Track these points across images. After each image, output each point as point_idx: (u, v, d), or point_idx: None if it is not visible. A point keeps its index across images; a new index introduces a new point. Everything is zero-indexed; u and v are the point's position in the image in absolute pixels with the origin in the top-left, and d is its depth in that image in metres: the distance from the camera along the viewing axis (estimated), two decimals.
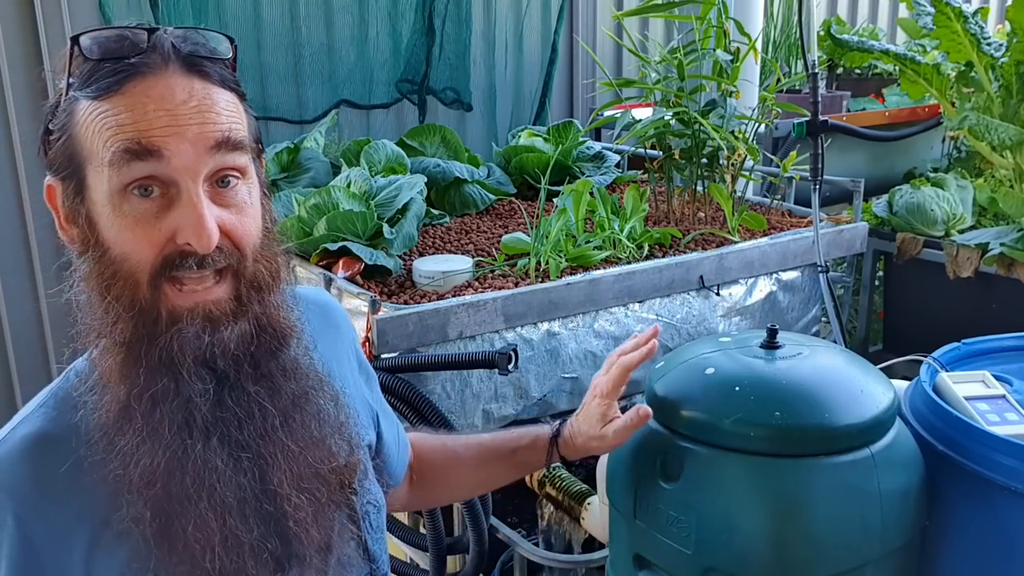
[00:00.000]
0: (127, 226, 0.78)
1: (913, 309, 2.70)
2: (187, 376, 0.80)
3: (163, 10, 2.71)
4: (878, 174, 3.38)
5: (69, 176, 0.81)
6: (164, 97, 0.78)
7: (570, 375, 1.95)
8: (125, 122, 0.77)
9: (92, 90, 0.78)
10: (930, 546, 1.13)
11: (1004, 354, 1.32)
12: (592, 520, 1.81)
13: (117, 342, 0.80)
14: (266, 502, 0.85)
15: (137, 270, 0.79)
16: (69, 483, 0.82)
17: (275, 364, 0.86)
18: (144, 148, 0.76)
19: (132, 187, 0.77)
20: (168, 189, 0.78)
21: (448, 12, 3.30)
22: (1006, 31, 2.64)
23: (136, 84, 0.78)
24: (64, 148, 0.80)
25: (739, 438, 1.02)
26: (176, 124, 0.77)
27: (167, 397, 0.80)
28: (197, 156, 0.78)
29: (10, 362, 2.80)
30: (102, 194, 0.78)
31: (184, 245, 0.79)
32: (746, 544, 1.01)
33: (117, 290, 0.79)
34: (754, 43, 2.40)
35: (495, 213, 2.65)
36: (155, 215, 0.78)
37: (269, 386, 0.85)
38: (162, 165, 0.77)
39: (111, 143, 0.76)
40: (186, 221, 0.78)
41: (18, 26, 2.64)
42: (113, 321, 0.80)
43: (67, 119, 0.80)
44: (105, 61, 0.78)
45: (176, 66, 0.79)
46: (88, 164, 0.79)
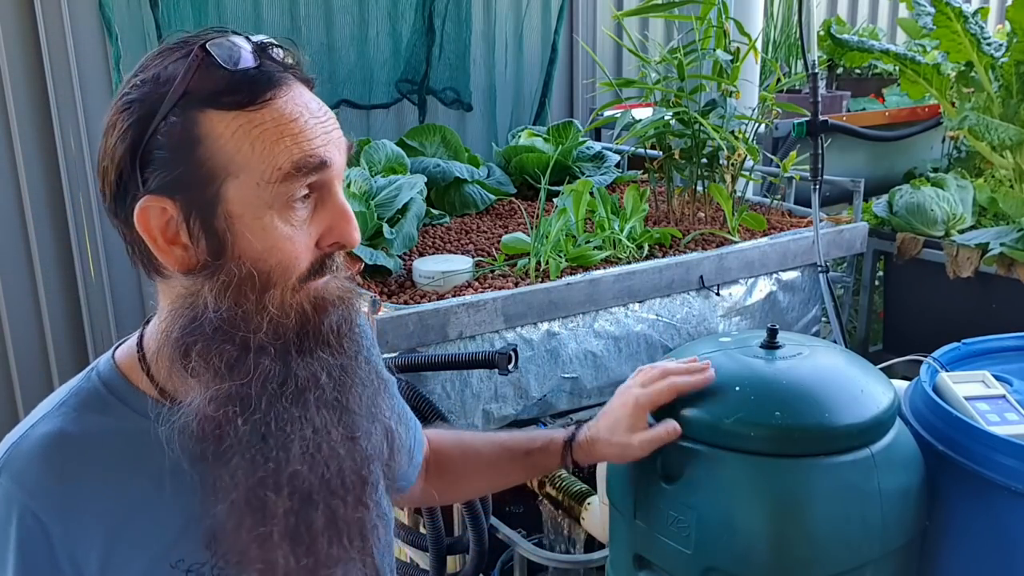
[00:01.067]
0: (282, 235, 0.80)
1: (913, 309, 2.70)
2: (327, 357, 0.84)
3: (163, 10, 2.71)
4: (878, 174, 3.38)
5: (195, 193, 0.78)
6: (309, 107, 0.80)
7: (570, 375, 1.95)
8: (291, 132, 0.78)
9: (233, 102, 0.76)
10: (930, 546, 1.13)
11: (1004, 354, 1.32)
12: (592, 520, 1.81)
13: (265, 346, 0.81)
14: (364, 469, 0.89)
15: (290, 276, 0.81)
16: (89, 485, 0.82)
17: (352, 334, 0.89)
18: (320, 160, 0.79)
19: (294, 197, 0.79)
20: (314, 194, 0.81)
21: (448, 12, 3.30)
22: (1006, 31, 2.64)
23: (279, 96, 0.78)
24: (192, 165, 0.77)
25: (739, 438, 1.02)
26: (327, 133, 0.81)
27: (307, 388, 0.83)
28: (342, 161, 0.83)
29: (10, 362, 2.80)
30: (255, 207, 0.78)
31: (329, 247, 0.83)
32: (746, 544, 1.01)
33: (271, 298, 0.80)
34: (754, 43, 2.40)
35: (495, 213, 2.65)
36: (306, 222, 0.81)
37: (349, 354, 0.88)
38: (326, 173, 0.80)
39: (283, 156, 0.77)
40: (338, 221, 0.82)
41: (18, 26, 2.64)
42: (265, 328, 0.80)
43: (191, 134, 0.76)
44: (241, 71, 0.77)
45: (293, 77, 0.81)
46: (232, 178, 0.77)
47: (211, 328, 0.80)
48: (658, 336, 2.06)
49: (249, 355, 0.80)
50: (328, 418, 0.84)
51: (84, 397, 0.86)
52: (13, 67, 2.65)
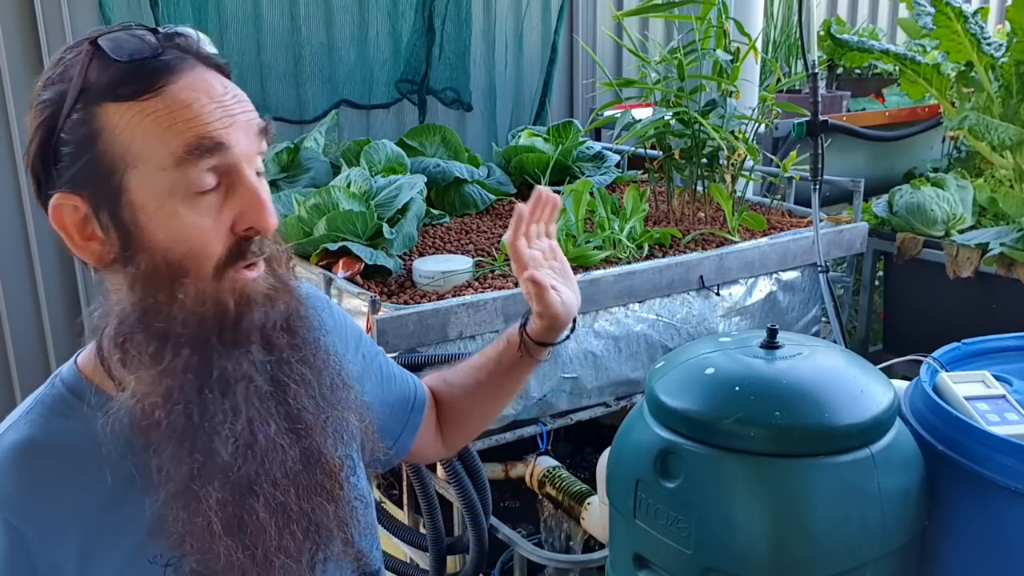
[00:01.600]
0: (189, 223, 0.78)
1: (913, 309, 2.70)
2: (253, 355, 0.82)
3: (163, 10, 2.71)
4: (878, 174, 3.38)
5: (99, 187, 0.78)
6: (209, 91, 0.79)
7: (570, 375, 1.95)
8: (184, 118, 0.77)
9: (127, 92, 0.77)
10: (930, 546, 1.13)
11: (1004, 354, 1.32)
12: (592, 520, 1.82)
13: (184, 339, 0.80)
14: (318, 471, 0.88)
15: (203, 264, 0.80)
16: (60, 489, 0.82)
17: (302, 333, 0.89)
18: (215, 142, 0.78)
19: (195, 185, 0.78)
20: (223, 179, 0.80)
21: (448, 12, 3.30)
22: (1006, 31, 2.64)
23: (177, 82, 0.78)
24: (92, 160, 0.78)
25: (739, 438, 1.02)
26: (229, 114, 0.79)
27: (236, 380, 0.82)
28: (249, 143, 0.81)
29: (10, 362, 2.80)
30: (157, 195, 0.77)
31: (244, 231, 0.81)
32: (746, 544, 1.01)
33: (184, 288, 0.79)
34: (754, 43, 2.40)
35: (495, 213, 2.65)
36: (216, 208, 0.80)
37: (303, 354, 0.88)
38: (227, 155, 0.79)
39: (178, 142, 0.76)
40: (250, 207, 0.80)
41: (18, 26, 2.64)
42: (179, 319, 0.80)
43: (90, 129, 0.77)
44: (134, 62, 0.77)
45: (198, 62, 0.80)
46: (131, 168, 0.77)
47: (132, 321, 0.81)
48: (658, 336, 2.06)
49: (168, 346, 0.80)
50: (263, 411, 0.83)
51: (49, 403, 0.86)
52: (13, 67, 2.65)
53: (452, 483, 1.69)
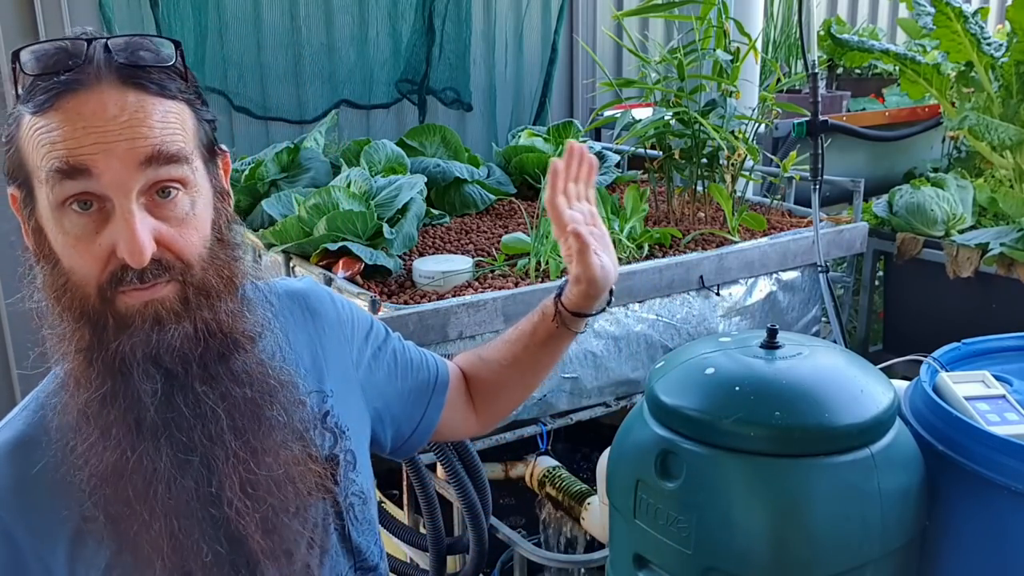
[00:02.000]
0: (69, 242, 0.79)
1: (913, 309, 2.70)
2: (137, 376, 0.80)
3: (163, 10, 2.71)
4: (878, 174, 3.38)
5: (20, 187, 0.82)
6: (95, 113, 0.77)
7: (570, 375, 1.95)
8: (56, 140, 0.76)
9: (31, 106, 0.78)
10: (930, 546, 1.13)
11: (1004, 354, 1.32)
12: (592, 520, 1.82)
13: (74, 348, 0.81)
14: (211, 506, 0.84)
15: (84, 283, 0.80)
16: (47, 484, 0.83)
17: (224, 368, 0.85)
18: (72, 167, 0.76)
19: (70, 203, 0.78)
20: (104, 204, 0.78)
21: (448, 12, 3.30)
22: (1006, 31, 2.64)
23: (70, 100, 0.77)
24: (13, 160, 0.81)
25: (739, 438, 1.02)
26: (105, 141, 0.76)
27: (116, 398, 0.81)
28: (127, 172, 0.77)
29: (10, 362, 2.80)
30: (45, 208, 0.79)
31: (123, 259, 0.78)
32: (746, 544, 1.01)
33: (67, 300, 0.80)
34: (754, 43, 2.40)
35: (495, 213, 2.65)
36: (94, 231, 0.78)
37: (218, 389, 0.84)
38: (92, 182, 0.77)
39: (45, 161, 0.77)
40: (120, 236, 0.77)
41: (18, 26, 2.64)
42: (68, 329, 0.81)
43: (15, 131, 0.80)
44: (41, 76, 0.78)
45: (111, 79, 0.78)
46: (33, 177, 0.79)
47: (48, 324, 0.83)
48: (658, 336, 2.06)
49: (64, 356, 0.83)
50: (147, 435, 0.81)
51: (44, 399, 0.88)
52: None
53: (452, 483, 1.69)
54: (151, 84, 0.80)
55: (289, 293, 1.03)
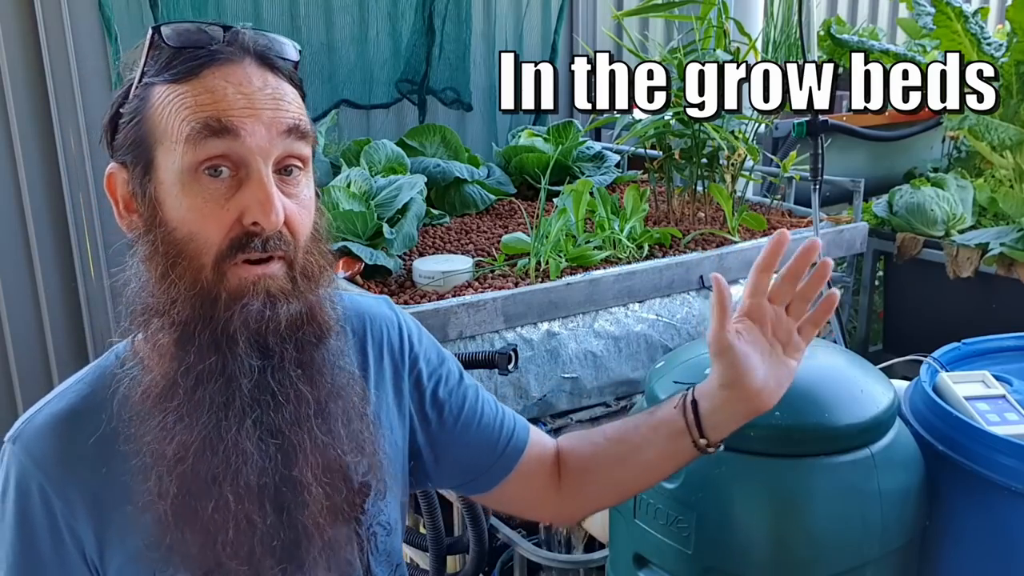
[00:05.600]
0: (195, 206, 0.80)
1: (913, 309, 2.70)
2: (240, 353, 0.81)
3: (163, 10, 2.71)
4: (878, 174, 3.37)
5: (136, 159, 0.82)
6: (242, 82, 0.81)
7: (570, 375, 1.95)
8: (205, 102, 0.79)
9: (170, 75, 0.80)
10: (930, 546, 1.13)
11: (1004, 354, 1.32)
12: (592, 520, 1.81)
13: (174, 321, 0.81)
14: (286, 489, 0.85)
15: (203, 250, 0.80)
16: (93, 459, 0.84)
17: (316, 354, 0.87)
18: (223, 125, 0.79)
19: (204, 166, 0.79)
20: (238, 170, 0.80)
21: (448, 12, 3.30)
22: (1006, 31, 2.64)
23: (215, 70, 0.81)
24: (134, 132, 0.82)
25: (739, 438, 1.02)
26: (253, 107, 0.80)
27: (213, 376, 0.81)
28: (270, 138, 0.81)
29: (10, 362, 2.80)
30: (172, 173, 0.80)
31: (251, 226, 0.80)
32: (746, 544, 1.01)
33: (180, 269, 0.80)
34: (754, 43, 2.40)
35: (495, 213, 2.65)
36: (224, 195, 0.80)
37: (309, 373, 0.86)
38: (237, 144, 0.79)
39: (189, 119, 0.79)
40: (255, 199, 0.80)
41: (18, 26, 2.64)
42: (172, 300, 0.81)
43: (139, 104, 0.82)
44: (185, 48, 0.81)
45: (251, 58, 0.83)
46: (159, 144, 0.81)
47: (140, 297, 0.84)
48: (658, 336, 2.06)
49: (159, 325, 0.82)
50: (237, 412, 0.82)
51: (99, 374, 0.89)
52: (13, 67, 2.65)
53: None
54: (282, 71, 0.85)
55: (355, 304, 1.03)
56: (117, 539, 0.85)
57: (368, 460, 0.93)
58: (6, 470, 0.86)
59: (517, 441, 1.09)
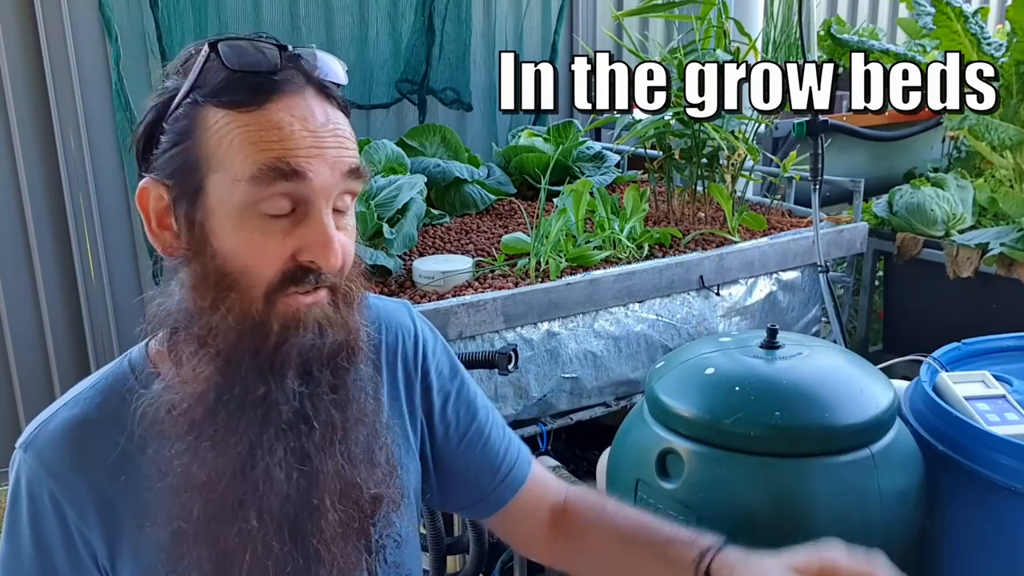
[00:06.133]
0: (252, 240, 0.78)
1: (913, 309, 2.70)
2: (287, 383, 0.80)
3: (163, 10, 2.71)
4: (878, 174, 3.37)
5: (182, 182, 0.79)
6: (306, 118, 0.78)
7: (570, 375, 1.95)
8: (271, 139, 0.77)
9: (228, 100, 0.77)
10: (930, 546, 1.13)
11: (1004, 354, 1.32)
12: None
13: (219, 350, 0.80)
14: (305, 515, 0.84)
15: (256, 284, 0.79)
16: (107, 469, 0.84)
17: (348, 378, 0.86)
18: (292, 169, 0.77)
19: (265, 204, 0.77)
20: (298, 207, 0.79)
21: (448, 12, 3.30)
22: (1006, 31, 2.64)
23: (277, 101, 0.78)
24: (182, 154, 0.79)
25: (739, 438, 1.02)
26: (318, 146, 0.78)
27: (255, 405, 0.80)
28: (333, 179, 0.79)
29: (10, 362, 2.80)
30: (229, 206, 0.78)
31: (307, 263, 0.79)
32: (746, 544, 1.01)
33: (230, 302, 0.79)
34: (754, 43, 2.40)
35: (495, 213, 2.65)
36: (282, 232, 0.78)
37: (341, 397, 0.85)
38: (303, 186, 0.77)
39: (256, 159, 0.76)
40: (316, 241, 0.79)
41: (18, 26, 2.64)
42: (218, 331, 0.79)
43: (188, 124, 0.79)
44: (246, 73, 0.78)
45: (312, 88, 0.80)
46: (213, 172, 0.78)
47: (180, 320, 0.82)
48: (658, 336, 2.06)
49: (202, 352, 0.80)
50: (272, 439, 0.81)
51: (112, 382, 0.88)
52: (13, 67, 2.65)
53: None
54: (337, 99, 0.83)
55: (373, 308, 1.02)
56: (129, 550, 0.85)
57: (380, 471, 0.92)
58: (17, 476, 0.86)
59: (518, 472, 1.09)
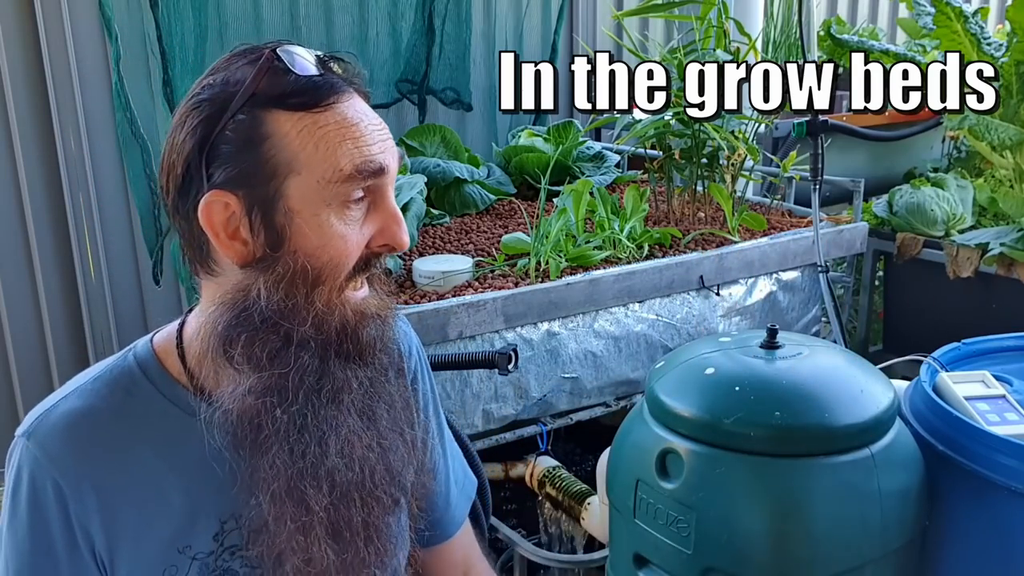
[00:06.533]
0: (337, 234, 0.83)
1: (913, 309, 2.70)
2: (352, 368, 0.86)
3: (163, 10, 2.71)
4: (878, 174, 3.37)
5: (254, 187, 0.81)
6: (367, 114, 0.85)
7: (570, 375, 1.95)
8: (354, 136, 0.82)
9: (297, 103, 0.80)
10: (930, 546, 1.13)
11: (1004, 354, 1.32)
12: (592, 520, 1.82)
13: (304, 338, 0.83)
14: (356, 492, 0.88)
15: (338, 275, 0.84)
16: (111, 462, 0.85)
17: (385, 364, 0.93)
18: (380, 166, 0.83)
19: (352, 197, 0.82)
20: (372, 196, 0.85)
21: (448, 12, 3.30)
22: (1006, 31, 2.64)
23: (339, 102, 0.83)
24: (252, 160, 0.80)
25: (739, 438, 1.02)
26: (383, 140, 0.85)
27: (323, 389, 0.84)
28: (394, 168, 0.86)
29: (10, 362, 2.80)
30: (312, 203, 0.81)
31: (378, 248, 0.86)
32: (746, 544, 1.01)
33: (316, 294, 0.83)
34: (754, 43, 2.40)
35: (495, 213, 2.65)
36: (359, 221, 0.84)
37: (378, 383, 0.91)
38: (383, 179, 0.84)
39: (347, 158, 0.81)
40: (390, 224, 0.86)
41: (18, 26, 2.64)
42: (302, 321, 0.83)
43: (255, 131, 0.80)
44: (307, 77, 0.82)
45: (354, 90, 0.86)
46: (295, 175, 0.80)
47: (260, 319, 0.82)
48: (658, 336, 2.06)
49: (291, 348, 0.83)
50: (357, 423, 0.86)
51: (117, 375, 0.89)
52: (13, 67, 2.65)
53: None
54: (367, 95, 0.89)
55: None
56: (130, 541, 0.85)
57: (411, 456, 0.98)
58: (18, 465, 0.86)
59: (462, 506, 1.17)
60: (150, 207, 2.63)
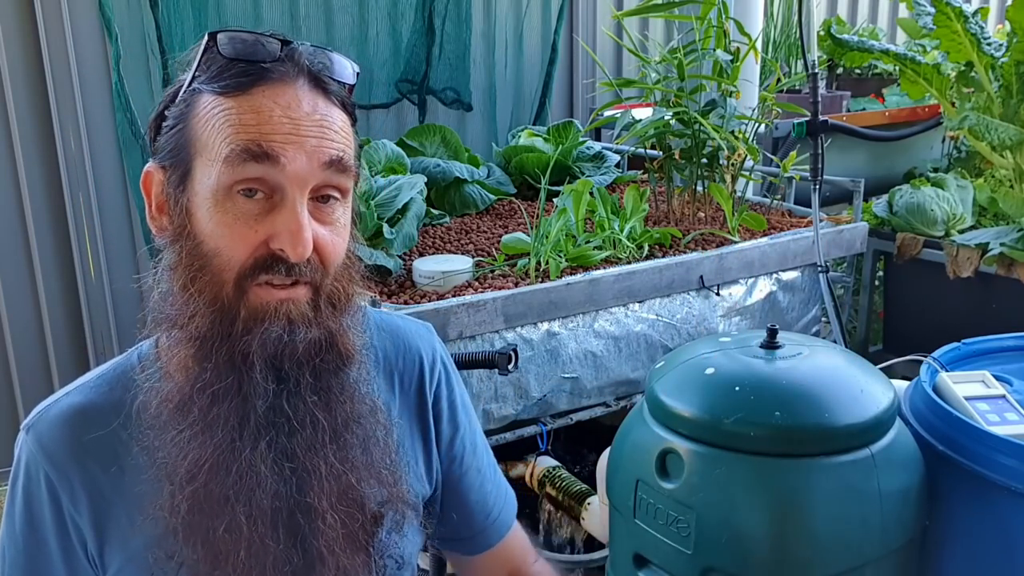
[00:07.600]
0: (225, 223, 0.79)
1: (913, 309, 2.70)
2: (256, 375, 0.80)
3: (163, 10, 2.71)
4: (878, 174, 3.38)
5: (175, 165, 0.82)
6: (290, 105, 0.79)
7: (570, 375, 1.95)
8: (248, 122, 0.78)
9: (219, 86, 0.79)
10: (930, 546, 1.12)
11: (1004, 354, 1.32)
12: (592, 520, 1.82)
13: (192, 335, 0.81)
14: (300, 515, 0.85)
15: (226, 267, 0.80)
16: (104, 458, 0.85)
17: (335, 381, 0.86)
18: (263, 151, 0.77)
19: (239, 187, 0.78)
20: (273, 194, 0.80)
21: (448, 12, 3.30)
22: (1006, 31, 2.64)
23: (264, 88, 0.79)
24: (176, 137, 0.81)
25: (739, 438, 1.02)
26: (297, 133, 0.79)
27: (228, 395, 0.80)
28: (310, 168, 0.79)
29: (10, 362, 2.80)
30: (206, 188, 0.79)
31: (277, 250, 0.80)
32: (746, 544, 1.01)
33: (201, 284, 0.80)
34: (754, 43, 2.40)
35: (495, 213, 2.65)
36: (255, 217, 0.79)
37: (326, 400, 0.85)
38: (275, 170, 0.78)
39: (231, 140, 0.77)
40: (285, 228, 0.79)
41: (18, 26, 2.64)
42: (191, 314, 0.80)
43: (185, 109, 0.81)
44: (239, 61, 0.79)
45: (304, 80, 0.81)
46: (199, 156, 0.80)
47: (162, 304, 0.83)
48: (658, 336, 2.06)
49: (181, 336, 0.81)
50: (251, 435, 0.81)
51: (119, 373, 0.89)
52: (13, 67, 2.65)
53: None
54: (335, 96, 0.83)
55: (392, 328, 1.03)
56: (119, 540, 0.85)
57: (388, 490, 0.92)
58: (18, 457, 0.87)
59: (506, 516, 1.13)
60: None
